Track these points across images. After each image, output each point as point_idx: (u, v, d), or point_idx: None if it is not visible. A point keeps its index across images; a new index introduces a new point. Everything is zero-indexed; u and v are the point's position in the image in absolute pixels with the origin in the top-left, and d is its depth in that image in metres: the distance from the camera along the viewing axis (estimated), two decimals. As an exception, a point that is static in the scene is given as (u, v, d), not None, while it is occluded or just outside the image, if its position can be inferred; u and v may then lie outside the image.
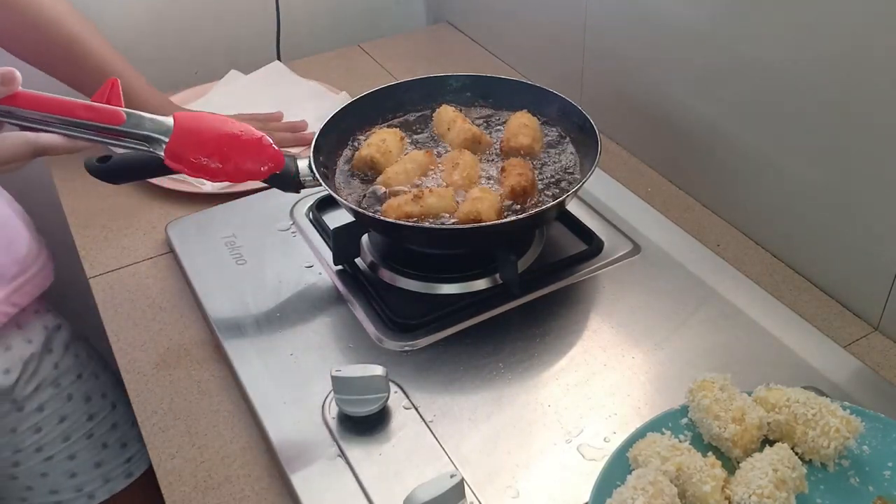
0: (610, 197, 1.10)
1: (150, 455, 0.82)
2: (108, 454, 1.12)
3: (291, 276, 0.99)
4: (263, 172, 0.87)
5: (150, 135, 0.80)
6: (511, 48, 1.46)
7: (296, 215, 1.08)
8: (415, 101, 1.11)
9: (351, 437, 0.80)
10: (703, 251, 1.02)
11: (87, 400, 1.10)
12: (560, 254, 1.01)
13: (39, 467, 1.08)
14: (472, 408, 0.83)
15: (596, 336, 0.90)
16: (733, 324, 0.91)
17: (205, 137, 0.82)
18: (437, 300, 0.95)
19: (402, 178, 0.98)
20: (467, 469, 0.77)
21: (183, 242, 1.05)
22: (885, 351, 0.90)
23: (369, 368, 0.80)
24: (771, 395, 0.75)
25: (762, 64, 0.95)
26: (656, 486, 0.67)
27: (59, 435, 1.07)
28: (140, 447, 1.15)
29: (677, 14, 1.05)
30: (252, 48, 1.55)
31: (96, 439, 1.11)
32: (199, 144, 0.82)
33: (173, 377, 0.90)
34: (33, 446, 1.06)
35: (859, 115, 0.86)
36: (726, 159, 1.05)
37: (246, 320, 0.94)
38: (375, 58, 1.53)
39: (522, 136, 1.02)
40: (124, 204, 1.15)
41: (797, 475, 0.69)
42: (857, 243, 0.91)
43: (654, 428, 0.76)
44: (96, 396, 1.11)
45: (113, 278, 1.04)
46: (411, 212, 0.91)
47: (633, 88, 1.18)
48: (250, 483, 0.79)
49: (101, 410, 1.12)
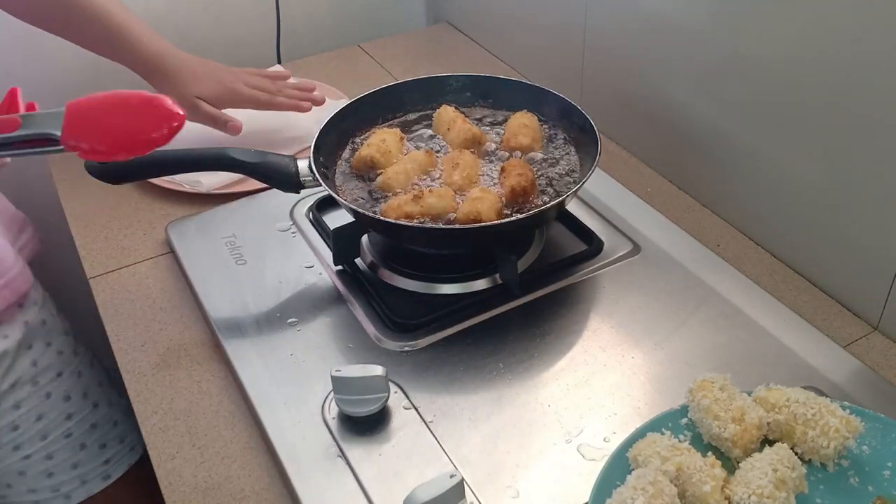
0: (610, 197, 1.10)
1: (151, 455, 0.82)
2: (86, 455, 1.11)
3: (291, 276, 1.00)
4: (164, 136, 0.76)
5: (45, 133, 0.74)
6: (511, 48, 1.46)
7: (296, 215, 1.08)
8: (415, 101, 1.11)
9: (351, 438, 0.80)
10: (702, 251, 1.02)
11: (67, 399, 1.08)
12: (560, 254, 1.01)
13: (17, 465, 1.06)
14: (472, 408, 0.83)
15: (596, 336, 0.90)
16: (733, 324, 0.91)
17: (94, 116, 0.76)
18: (436, 300, 0.95)
19: (402, 178, 0.98)
20: (467, 469, 0.77)
21: (183, 242, 1.05)
22: (885, 351, 0.90)
23: (369, 368, 0.81)
24: (771, 394, 0.75)
25: (762, 64, 0.95)
26: (656, 486, 0.67)
27: (37, 433, 1.06)
28: (119, 448, 1.14)
29: (678, 14, 1.05)
30: (252, 48, 1.55)
31: (74, 439, 1.09)
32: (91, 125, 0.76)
33: (173, 377, 0.90)
34: (11, 444, 1.05)
35: (859, 115, 0.86)
36: (726, 159, 1.05)
37: (246, 320, 0.94)
38: (375, 58, 1.53)
39: (522, 136, 1.02)
40: (124, 204, 1.16)
41: (797, 475, 0.69)
42: (857, 243, 0.92)
43: (654, 428, 0.76)
44: (76, 396, 1.09)
45: (113, 278, 1.04)
46: (411, 212, 0.92)
47: (633, 88, 1.18)
48: (250, 483, 0.79)
49: (81, 410, 1.10)
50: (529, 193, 0.95)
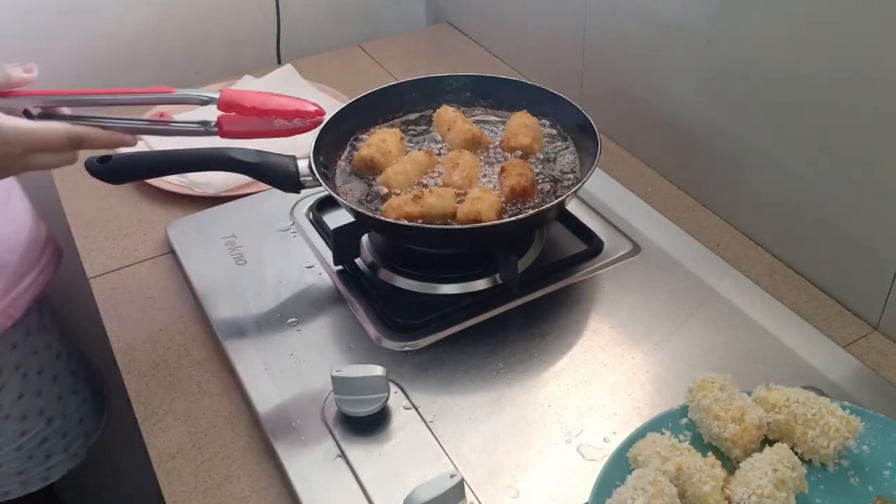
0: (610, 197, 1.10)
1: (150, 455, 0.82)
2: (32, 464, 1.11)
3: (291, 276, 1.00)
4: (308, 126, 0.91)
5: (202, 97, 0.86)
6: (511, 48, 1.46)
7: (296, 215, 1.08)
8: (415, 101, 1.11)
9: (351, 438, 0.80)
10: (702, 251, 1.02)
11: (23, 419, 1.08)
12: (560, 254, 1.01)
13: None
14: (472, 408, 0.83)
15: (596, 336, 0.90)
16: (733, 324, 0.91)
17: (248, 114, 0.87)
18: (437, 300, 0.95)
19: (402, 179, 0.98)
20: (467, 469, 0.77)
21: (183, 243, 1.05)
22: (885, 351, 0.90)
23: (369, 368, 0.81)
24: (771, 394, 0.75)
25: (762, 64, 0.95)
26: (656, 485, 0.67)
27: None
28: (63, 457, 1.14)
29: (678, 14, 1.05)
30: (252, 49, 1.55)
31: (24, 452, 1.10)
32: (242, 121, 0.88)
33: (173, 377, 0.90)
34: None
35: (859, 115, 0.86)
36: (726, 159, 1.05)
37: (246, 320, 0.94)
38: (375, 58, 1.53)
39: (522, 136, 1.02)
40: (125, 204, 1.16)
41: (797, 475, 0.69)
42: (857, 243, 0.92)
43: (654, 428, 0.76)
44: (33, 414, 1.09)
45: (113, 278, 1.04)
46: (411, 212, 0.91)
47: (633, 88, 1.18)
48: (250, 483, 0.79)
49: (34, 427, 1.10)
50: (529, 193, 0.95)
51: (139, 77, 1.46)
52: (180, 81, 1.47)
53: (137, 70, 1.46)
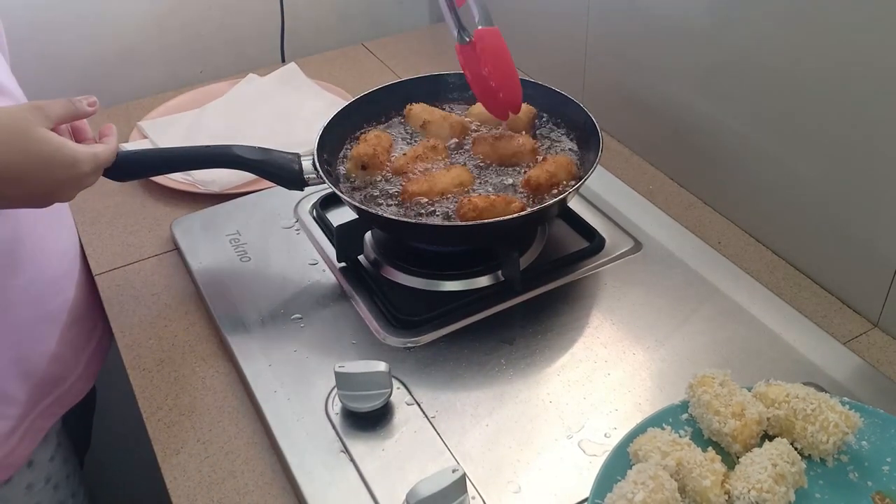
0: (611, 194, 1.10)
1: (155, 450, 0.83)
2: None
3: (295, 273, 1.00)
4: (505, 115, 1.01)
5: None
6: (512, 46, 1.46)
7: (300, 213, 1.09)
8: (418, 99, 1.11)
9: (354, 433, 0.81)
10: (704, 248, 1.02)
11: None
12: (562, 251, 1.01)
13: None
14: (475, 404, 0.83)
15: (597, 333, 0.91)
16: (734, 320, 0.91)
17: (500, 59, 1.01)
18: (439, 297, 0.95)
19: (410, 167, 0.99)
20: (469, 464, 0.78)
21: (188, 240, 1.06)
22: (885, 347, 0.90)
23: (372, 364, 0.81)
24: (771, 390, 0.76)
25: (764, 61, 0.96)
26: (656, 480, 0.68)
27: None
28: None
29: (680, 11, 1.05)
30: (257, 47, 1.56)
31: None
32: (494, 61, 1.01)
33: (178, 373, 0.91)
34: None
35: (859, 113, 0.87)
36: (728, 157, 1.06)
37: (250, 317, 0.95)
38: (379, 56, 1.53)
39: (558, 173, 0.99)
40: (129, 201, 1.16)
41: (796, 470, 0.70)
42: (857, 240, 0.92)
43: (655, 423, 0.76)
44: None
45: (118, 275, 1.04)
46: (419, 190, 0.94)
47: (635, 86, 1.18)
48: (254, 478, 0.80)
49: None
50: (542, 191, 0.95)
51: (144, 74, 1.47)
52: (185, 80, 1.48)
53: (142, 68, 1.47)
